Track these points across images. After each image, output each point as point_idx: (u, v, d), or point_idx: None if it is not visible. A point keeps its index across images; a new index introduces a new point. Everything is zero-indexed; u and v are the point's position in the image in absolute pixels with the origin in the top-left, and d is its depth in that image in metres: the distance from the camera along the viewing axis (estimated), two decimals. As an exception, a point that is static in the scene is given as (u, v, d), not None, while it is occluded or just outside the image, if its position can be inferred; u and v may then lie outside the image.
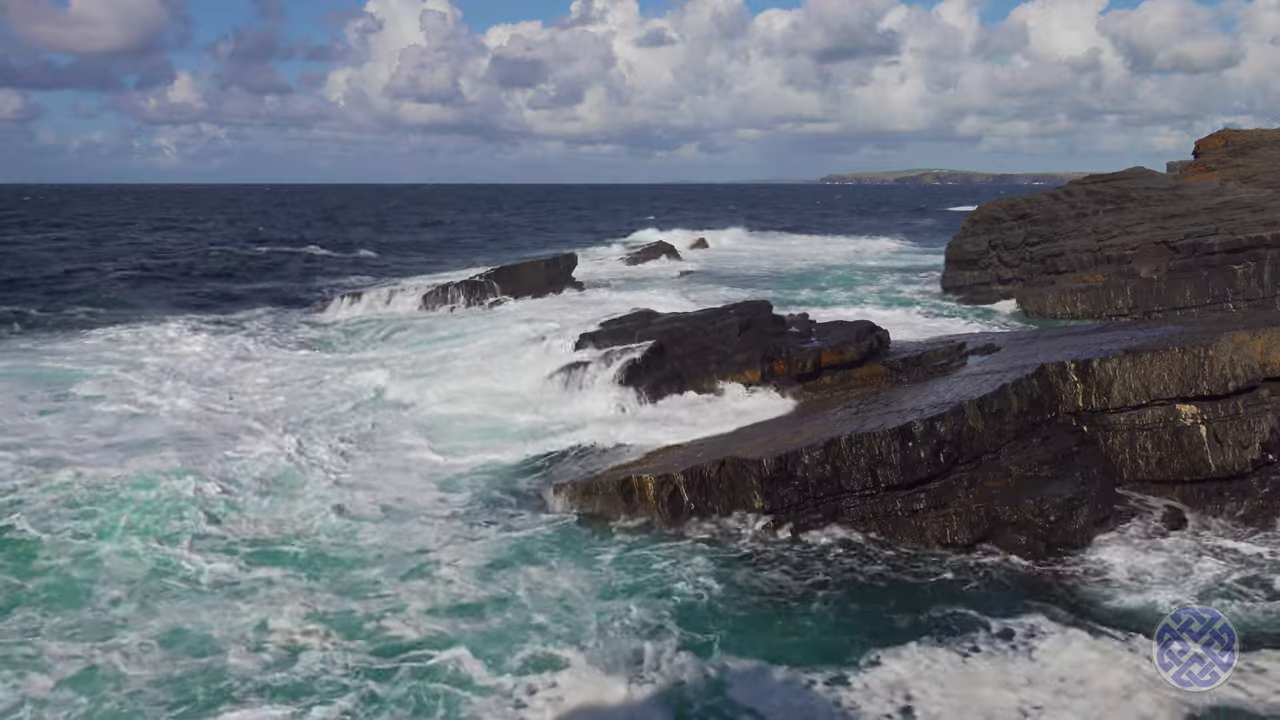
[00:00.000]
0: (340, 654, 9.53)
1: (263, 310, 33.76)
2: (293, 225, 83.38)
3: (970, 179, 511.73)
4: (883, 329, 18.77)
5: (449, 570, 11.58)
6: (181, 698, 8.83)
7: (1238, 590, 11.32)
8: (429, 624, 10.22)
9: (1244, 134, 42.12)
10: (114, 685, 9.01)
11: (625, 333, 20.92)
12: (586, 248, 57.09)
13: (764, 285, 41.28)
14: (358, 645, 9.72)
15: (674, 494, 13.23)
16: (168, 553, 11.82)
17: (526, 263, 39.20)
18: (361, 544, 12.41)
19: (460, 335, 27.07)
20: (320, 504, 13.60)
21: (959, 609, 10.72)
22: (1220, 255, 29.53)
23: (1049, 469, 13.37)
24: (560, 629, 10.08)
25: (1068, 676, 9.24)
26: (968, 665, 9.49)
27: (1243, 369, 13.69)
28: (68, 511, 12.75)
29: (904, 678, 9.23)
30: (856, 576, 11.69)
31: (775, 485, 12.87)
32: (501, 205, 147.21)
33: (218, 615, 10.34)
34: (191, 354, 24.18)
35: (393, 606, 10.59)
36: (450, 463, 15.99)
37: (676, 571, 11.64)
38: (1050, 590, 11.42)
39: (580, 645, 9.73)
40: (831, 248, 65.69)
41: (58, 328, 28.97)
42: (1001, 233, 37.11)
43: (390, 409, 19.28)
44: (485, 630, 10.07)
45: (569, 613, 10.48)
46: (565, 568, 11.70)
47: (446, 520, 13.33)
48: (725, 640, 9.96)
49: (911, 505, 12.78)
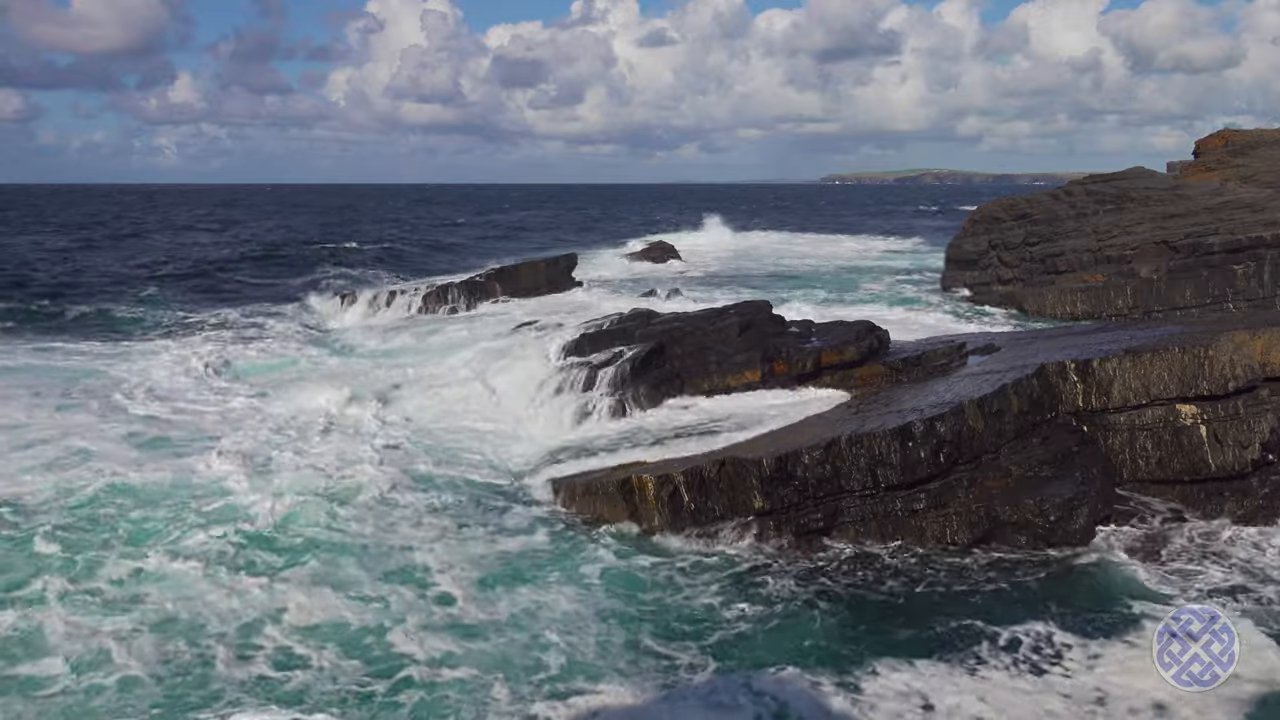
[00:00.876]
0: (335, 668, 9.40)
1: (269, 311, 33.49)
2: (310, 225, 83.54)
3: (970, 179, 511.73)
4: (883, 329, 18.77)
5: (444, 577, 11.38)
6: (173, 694, 8.83)
7: (1237, 590, 11.32)
8: (428, 640, 9.93)
9: (1244, 134, 42.12)
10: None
11: (625, 333, 20.90)
12: (587, 247, 57.05)
13: (764, 285, 41.27)
14: (355, 659, 9.58)
15: (674, 494, 13.23)
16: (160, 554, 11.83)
17: (526, 263, 39.18)
18: (359, 547, 12.33)
19: (459, 335, 27.05)
20: (315, 506, 13.52)
21: (961, 614, 10.71)
22: (1220, 255, 29.53)
23: (1049, 469, 13.37)
24: (565, 642, 9.94)
25: (1073, 693, 9.19)
26: (977, 676, 9.43)
27: (1243, 369, 13.69)
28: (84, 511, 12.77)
29: (913, 687, 9.18)
30: (857, 578, 11.70)
31: (775, 485, 12.86)
32: (504, 205, 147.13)
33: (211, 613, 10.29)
34: (172, 362, 23.87)
35: (387, 618, 10.36)
36: (444, 470, 15.76)
37: (676, 572, 11.64)
38: (1050, 592, 11.41)
39: (587, 657, 9.67)
40: (831, 247, 65.64)
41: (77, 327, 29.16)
42: (1001, 233, 37.11)
43: (387, 412, 19.26)
44: (487, 649, 9.83)
45: (572, 624, 10.37)
46: (564, 573, 11.61)
47: (443, 525, 13.18)
48: (728, 643, 9.96)
49: (911, 505, 12.78)
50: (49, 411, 17.96)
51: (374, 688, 9.08)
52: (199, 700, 8.81)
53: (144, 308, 33.13)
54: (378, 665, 9.47)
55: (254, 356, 24.91)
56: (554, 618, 10.46)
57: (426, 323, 30.56)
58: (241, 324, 30.18)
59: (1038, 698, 9.01)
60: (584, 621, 10.42)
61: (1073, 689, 9.15)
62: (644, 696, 9.01)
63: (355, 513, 13.43)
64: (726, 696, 8.94)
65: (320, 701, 8.80)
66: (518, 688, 9.09)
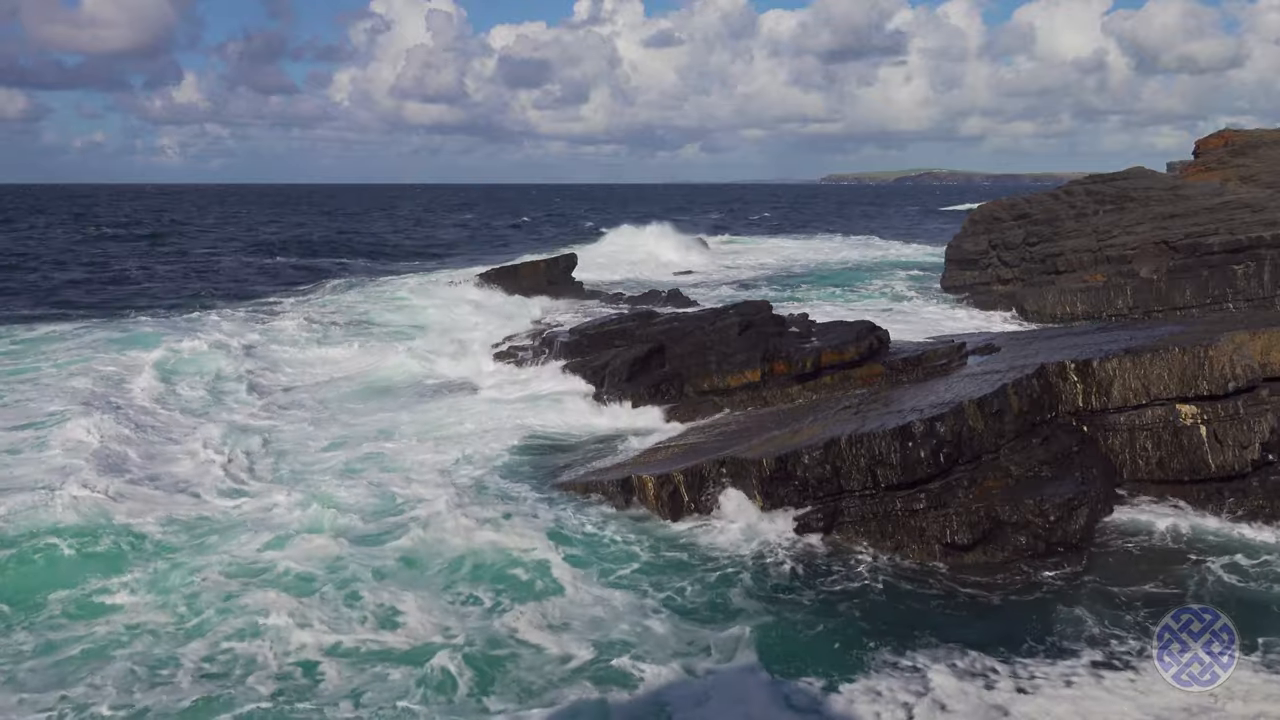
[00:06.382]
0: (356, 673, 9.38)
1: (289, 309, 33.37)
2: (336, 224, 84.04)
3: (971, 179, 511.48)
4: (883, 329, 18.77)
5: (437, 580, 11.29)
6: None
7: (1238, 589, 11.32)
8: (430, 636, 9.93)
9: (1244, 134, 42.11)
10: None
11: (625, 333, 20.92)
12: (586, 245, 57.01)
13: (764, 285, 41.28)
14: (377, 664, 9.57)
15: (674, 493, 13.24)
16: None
17: (527, 263, 39.17)
18: (355, 549, 12.24)
19: (462, 330, 27.06)
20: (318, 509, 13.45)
21: (960, 614, 10.71)
22: (1220, 255, 29.51)
23: (1049, 469, 13.37)
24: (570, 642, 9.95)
25: (1075, 692, 9.19)
26: (976, 676, 9.40)
27: (1243, 369, 13.69)
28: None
29: (911, 687, 9.16)
30: (856, 578, 11.69)
31: (775, 485, 12.87)
32: (504, 205, 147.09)
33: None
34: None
35: (388, 618, 10.34)
36: (442, 465, 15.72)
37: (675, 573, 11.63)
38: (1050, 592, 11.42)
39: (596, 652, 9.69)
40: (831, 247, 65.62)
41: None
42: (1001, 232, 37.09)
43: (385, 414, 19.27)
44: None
45: (574, 620, 10.39)
46: (562, 578, 11.50)
47: (439, 529, 12.94)
48: (728, 643, 9.94)
49: (911, 505, 12.77)
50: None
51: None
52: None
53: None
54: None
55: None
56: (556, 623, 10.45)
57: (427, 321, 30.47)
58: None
59: (1040, 698, 9.00)
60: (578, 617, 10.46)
61: (1074, 689, 9.14)
62: (644, 695, 9.02)
63: (350, 516, 13.39)
64: (725, 695, 8.94)
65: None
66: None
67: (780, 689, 9.08)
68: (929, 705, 8.85)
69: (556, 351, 21.35)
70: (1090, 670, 9.46)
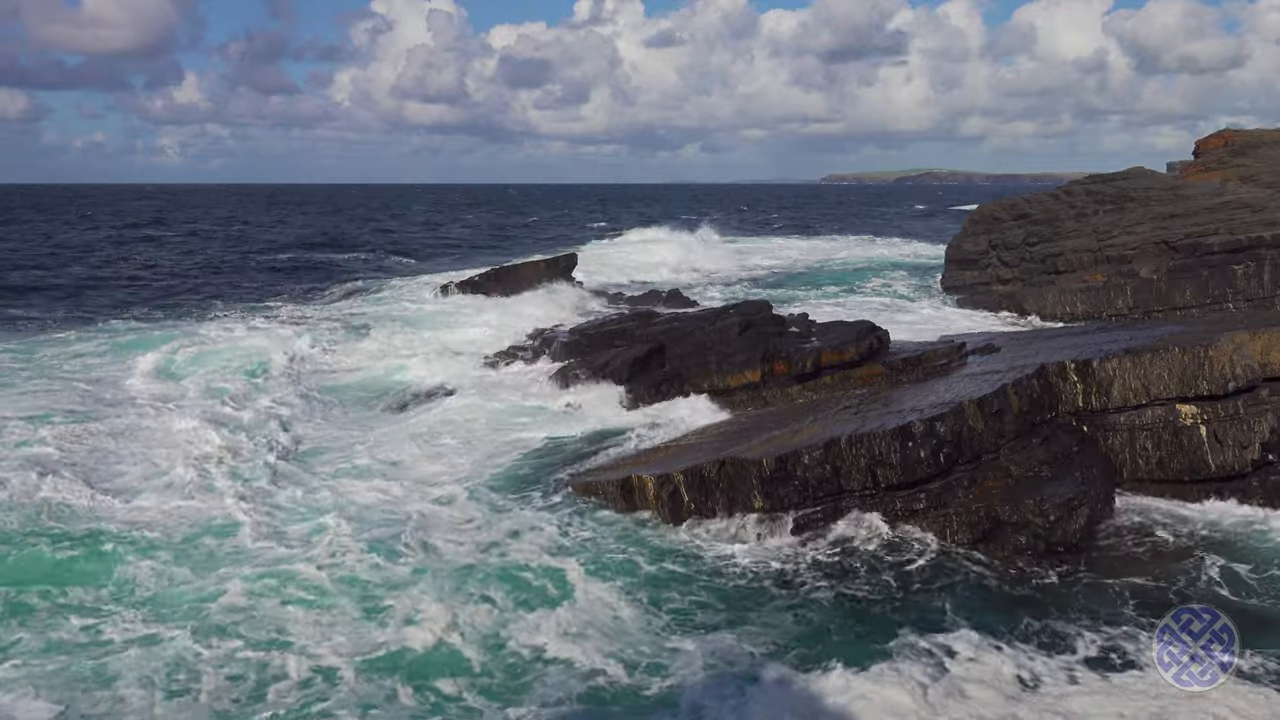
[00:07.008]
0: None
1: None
2: (355, 224, 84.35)
3: (971, 179, 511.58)
4: (882, 329, 18.77)
5: (447, 585, 11.17)
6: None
7: (1238, 590, 11.32)
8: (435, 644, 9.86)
9: (1244, 134, 42.09)
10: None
11: (625, 333, 20.94)
12: (586, 244, 56.98)
13: (764, 285, 41.25)
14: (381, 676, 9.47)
15: (674, 494, 13.25)
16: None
17: (527, 263, 39.10)
18: (353, 553, 12.21)
19: (463, 330, 27.08)
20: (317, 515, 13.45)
21: (960, 614, 10.70)
22: (1220, 255, 29.52)
23: (1049, 469, 13.38)
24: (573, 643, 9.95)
25: (1075, 693, 9.16)
26: (975, 677, 9.39)
27: (1243, 369, 13.70)
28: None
29: (909, 687, 9.13)
30: (856, 577, 11.70)
31: (775, 485, 12.88)
32: (509, 205, 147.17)
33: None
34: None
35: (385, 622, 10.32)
36: (444, 467, 15.76)
37: (675, 571, 11.64)
38: (1050, 592, 11.42)
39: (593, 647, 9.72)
40: (831, 247, 65.58)
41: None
42: (1001, 232, 37.08)
43: (385, 415, 19.27)
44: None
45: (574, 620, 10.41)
46: (560, 581, 11.49)
47: (445, 533, 12.95)
48: (727, 642, 9.95)
49: (911, 505, 12.78)
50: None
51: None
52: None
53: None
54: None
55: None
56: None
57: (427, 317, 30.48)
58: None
59: (1039, 698, 9.00)
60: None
61: (1073, 690, 9.15)
62: (643, 694, 9.03)
63: (348, 522, 13.42)
64: (724, 695, 8.96)
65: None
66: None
67: (779, 687, 9.08)
68: (926, 705, 8.85)
69: (556, 351, 21.36)
70: (1091, 669, 9.46)
